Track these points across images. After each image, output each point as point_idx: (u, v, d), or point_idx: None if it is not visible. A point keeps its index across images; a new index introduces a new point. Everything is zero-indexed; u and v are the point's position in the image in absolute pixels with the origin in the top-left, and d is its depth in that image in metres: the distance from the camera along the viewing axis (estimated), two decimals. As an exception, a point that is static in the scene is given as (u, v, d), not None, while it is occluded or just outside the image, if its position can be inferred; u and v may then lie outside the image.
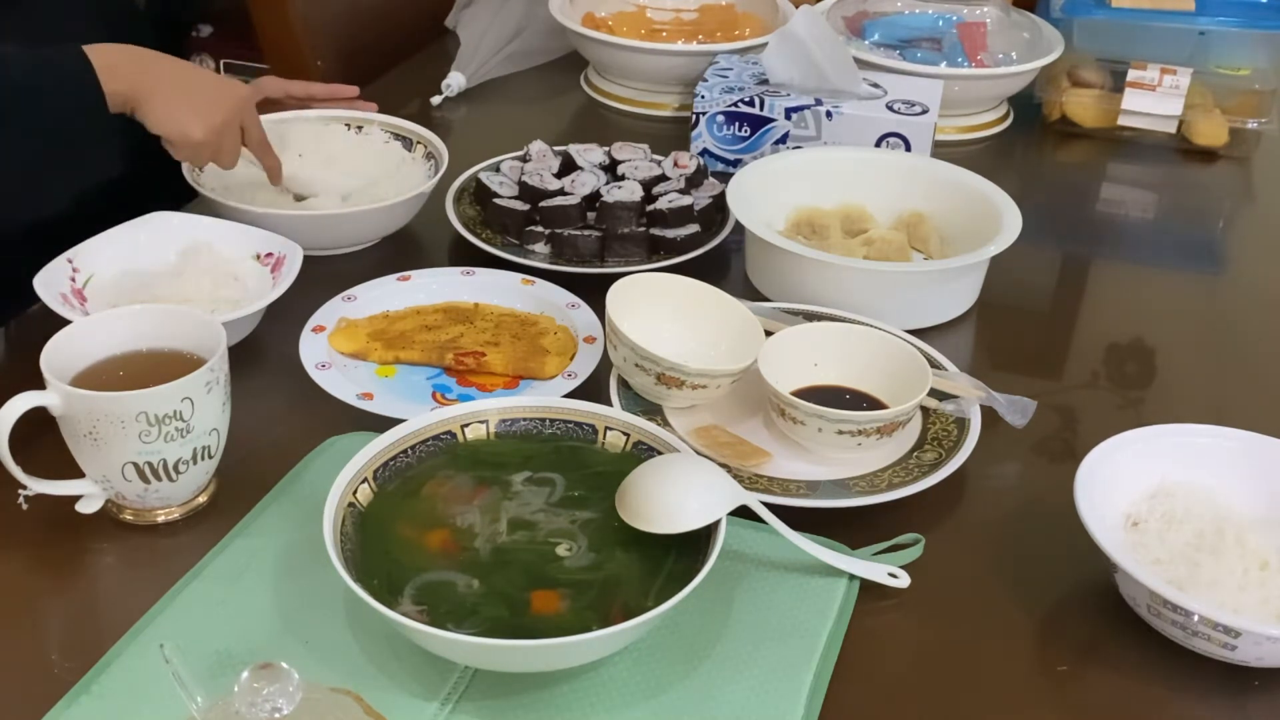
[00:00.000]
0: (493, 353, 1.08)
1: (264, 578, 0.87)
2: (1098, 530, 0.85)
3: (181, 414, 0.88)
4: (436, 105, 1.62)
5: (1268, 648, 0.81)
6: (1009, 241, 1.19)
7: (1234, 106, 1.59)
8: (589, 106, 1.68)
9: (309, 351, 1.08)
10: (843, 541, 0.92)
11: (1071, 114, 1.62)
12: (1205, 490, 0.92)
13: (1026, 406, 1.03)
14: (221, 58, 3.12)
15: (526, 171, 1.32)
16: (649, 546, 0.84)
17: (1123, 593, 0.87)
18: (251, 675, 0.64)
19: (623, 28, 1.68)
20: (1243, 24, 1.58)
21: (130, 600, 0.85)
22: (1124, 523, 0.91)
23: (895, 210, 1.31)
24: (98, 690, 0.79)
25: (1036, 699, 0.83)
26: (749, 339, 1.04)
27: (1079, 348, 1.22)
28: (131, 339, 0.94)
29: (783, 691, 0.80)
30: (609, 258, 1.24)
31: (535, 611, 0.80)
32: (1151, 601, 0.84)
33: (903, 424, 0.99)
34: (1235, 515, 0.91)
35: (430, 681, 0.80)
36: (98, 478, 0.90)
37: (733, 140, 1.44)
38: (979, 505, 0.99)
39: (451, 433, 0.93)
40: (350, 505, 0.85)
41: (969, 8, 1.66)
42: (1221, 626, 0.81)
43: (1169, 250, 1.43)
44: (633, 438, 0.92)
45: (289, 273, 1.12)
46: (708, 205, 1.30)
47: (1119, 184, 1.58)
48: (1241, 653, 0.82)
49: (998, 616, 0.89)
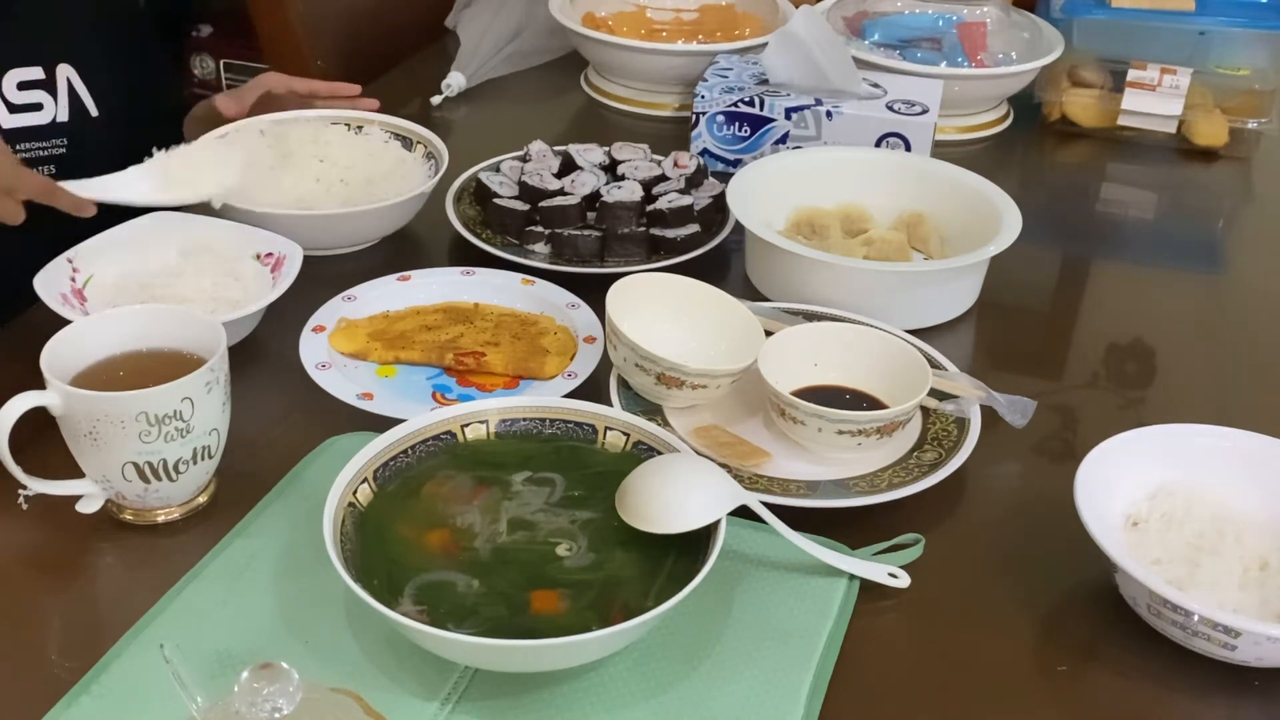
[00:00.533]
0: (493, 353, 1.08)
1: (264, 578, 0.87)
2: (1098, 530, 0.85)
3: (181, 414, 0.88)
4: (436, 105, 1.62)
5: (1268, 648, 0.81)
6: (1009, 241, 1.19)
7: (1234, 106, 1.59)
8: (589, 106, 1.68)
9: (309, 351, 1.08)
10: (843, 541, 0.92)
11: (1071, 114, 1.62)
12: (1205, 490, 0.92)
13: (1026, 406, 1.03)
14: (221, 58, 3.12)
15: (526, 171, 1.32)
16: (649, 546, 0.84)
17: (1123, 593, 0.87)
18: (251, 675, 0.64)
19: (623, 28, 1.68)
20: (1243, 24, 1.58)
21: (130, 600, 0.85)
22: (1124, 523, 0.91)
23: (895, 210, 1.31)
24: (98, 690, 0.79)
25: (1036, 699, 0.83)
26: (749, 339, 1.04)
27: (1079, 348, 1.22)
28: (131, 339, 0.94)
29: (783, 691, 0.80)
30: (609, 258, 1.24)
31: (535, 611, 0.80)
32: (1151, 601, 0.84)
33: (903, 424, 0.99)
34: (1235, 515, 0.90)
35: (430, 681, 0.80)
36: (98, 478, 0.90)
37: (733, 140, 1.44)
38: (979, 505, 0.99)
39: (451, 433, 0.92)
40: (350, 505, 0.85)
41: (969, 8, 1.66)
42: (1221, 626, 0.81)
43: (1169, 250, 1.42)
44: (633, 438, 0.92)
45: (289, 273, 1.12)
46: (708, 205, 1.30)
47: (1119, 184, 1.58)
48: (1241, 653, 0.82)
49: (998, 616, 0.89)
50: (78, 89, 1.32)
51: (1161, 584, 0.82)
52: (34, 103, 1.30)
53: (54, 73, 1.31)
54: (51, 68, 1.31)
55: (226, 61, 3.13)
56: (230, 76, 3.14)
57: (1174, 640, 0.85)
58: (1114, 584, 0.87)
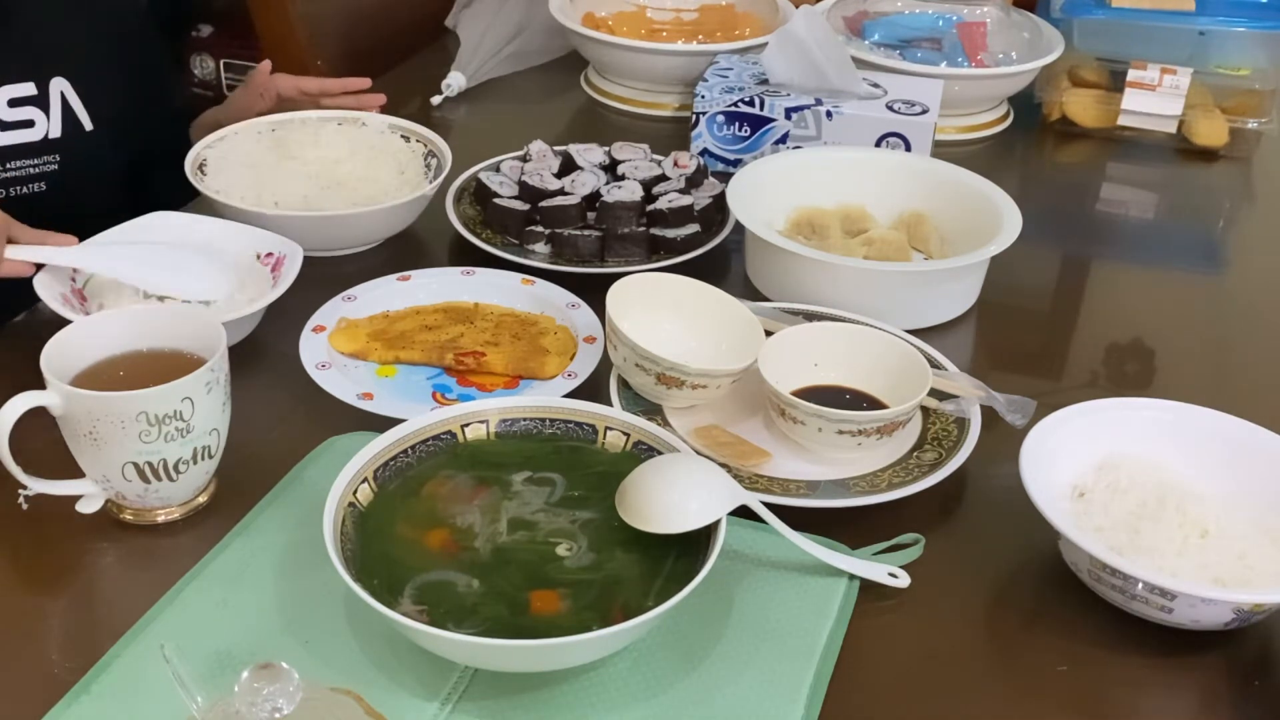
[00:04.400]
0: (493, 353, 1.08)
1: (264, 578, 0.87)
2: (1042, 499, 0.87)
3: (181, 414, 0.88)
4: (436, 105, 1.62)
5: (1203, 609, 0.83)
6: (1009, 241, 1.19)
7: (1234, 106, 1.59)
8: (589, 106, 1.68)
9: (309, 351, 1.08)
10: (843, 541, 0.92)
11: (1071, 114, 1.62)
12: (1149, 461, 0.94)
13: (1026, 406, 1.03)
14: (221, 58, 3.12)
15: (526, 171, 1.32)
16: (649, 546, 0.84)
17: (1065, 559, 0.89)
18: (251, 675, 0.64)
19: (623, 28, 1.68)
20: (1243, 24, 1.58)
21: (130, 600, 0.85)
22: (1071, 493, 0.93)
23: (895, 210, 1.31)
24: (98, 690, 0.79)
25: (1036, 699, 0.83)
26: (749, 339, 1.04)
27: (1079, 348, 1.22)
28: (131, 339, 0.94)
29: (783, 691, 0.80)
30: (609, 258, 1.24)
31: (535, 611, 0.80)
32: (1091, 566, 0.85)
33: (903, 424, 0.99)
34: (1177, 485, 0.92)
35: (430, 681, 0.80)
36: (98, 478, 0.90)
37: (733, 140, 1.44)
38: (979, 505, 0.99)
39: (451, 433, 0.93)
40: (350, 505, 0.85)
41: (969, 8, 1.66)
42: (1158, 589, 0.82)
43: (1169, 250, 1.43)
44: (633, 438, 0.92)
45: (289, 273, 1.12)
46: (708, 205, 1.30)
47: (1119, 184, 1.58)
48: (1178, 615, 0.83)
49: (997, 616, 0.89)
50: (72, 103, 1.30)
51: (1101, 548, 0.84)
52: (25, 119, 1.28)
53: (47, 87, 1.28)
54: (45, 82, 1.28)
55: (226, 61, 3.13)
56: (230, 76, 3.14)
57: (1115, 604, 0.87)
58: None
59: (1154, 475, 0.93)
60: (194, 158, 1.28)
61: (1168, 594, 0.82)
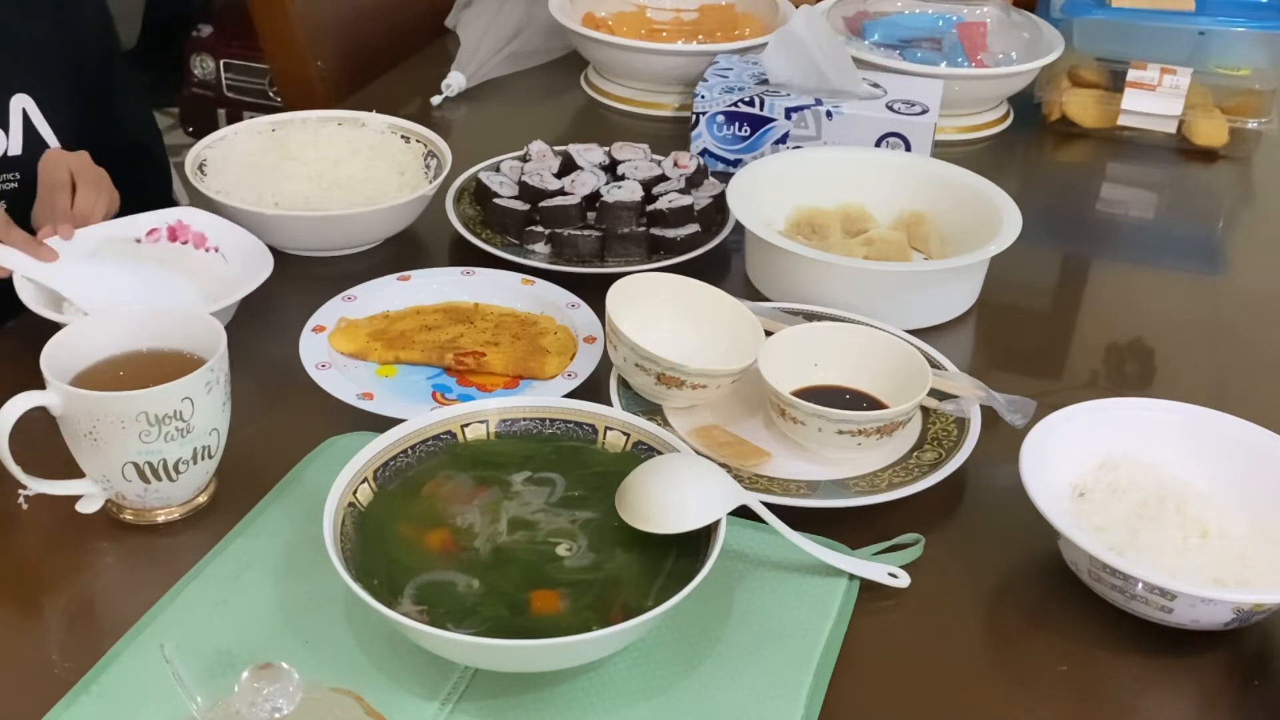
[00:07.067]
0: (493, 353, 1.08)
1: (264, 578, 0.87)
2: (1041, 499, 0.87)
3: (181, 414, 0.88)
4: (436, 105, 1.62)
5: (1203, 609, 0.83)
6: (1009, 241, 1.19)
7: (1234, 106, 1.59)
8: (589, 106, 1.68)
9: (309, 351, 1.08)
10: (843, 541, 0.92)
11: (1071, 114, 1.62)
12: (1149, 461, 0.94)
13: (1026, 406, 1.03)
14: (221, 58, 3.12)
15: (526, 171, 1.32)
16: (649, 546, 0.84)
17: (1065, 559, 0.89)
18: (251, 675, 0.64)
19: (623, 28, 1.68)
20: (1243, 24, 1.58)
21: (130, 600, 0.85)
22: (1071, 493, 0.93)
23: (895, 210, 1.31)
24: (98, 690, 0.79)
25: (1037, 698, 0.83)
26: (749, 339, 1.04)
27: (1079, 348, 1.22)
28: (131, 339, 0.94)
29: (783, 691, 0.80)
30: (609, 258, 1.24)
31: (535, 611, 0.80)
32: (1091, 566, 0.85)
33: (903, 424, 0.99)
34: (1178, 485, 0.92)
35: (430, 681, 0.80)
36: (98, 478, 0.90)
37: (733, 140, 1.44)
38: (979, 505, 0.99)
39: (451, 433, 0.93)
40: (350, 505, 0.85)
41: (969, 8, 1.66)
42: (1158, 589, 0.82)
43: (1169, 250, 1.43)
44: (633, 438, 0.92)
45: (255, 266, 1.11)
46: (708, 205, 1.30)
47: (1119, 184, 1.58)
48: (1178, 615, 0.83)
49: (997, 616, 0.89)
50: (34, 121, 1.27)
51: (1101, 549, 0.84)
52: None
53: (7, 105, 1.25)
54: (5, 100, 1.25)
55: (226, 61, 3.13)
56: (230, 76, 3.14)
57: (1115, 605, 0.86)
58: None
59: (1154, 475, 0.93)
60: (194, 158, 1.28)
61: (1168, 594, 0.82)
